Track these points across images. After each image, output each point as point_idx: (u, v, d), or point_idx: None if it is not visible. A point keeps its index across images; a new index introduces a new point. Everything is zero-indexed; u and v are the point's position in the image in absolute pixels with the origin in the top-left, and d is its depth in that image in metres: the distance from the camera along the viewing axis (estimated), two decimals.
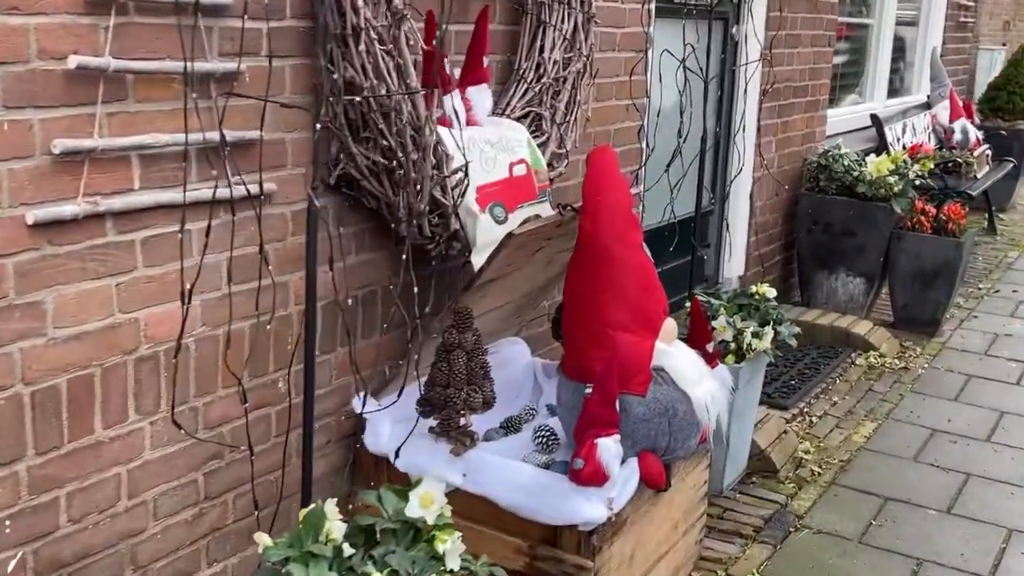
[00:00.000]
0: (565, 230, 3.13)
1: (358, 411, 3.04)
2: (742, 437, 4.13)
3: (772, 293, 4.08)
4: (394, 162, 2.82)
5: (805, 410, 4.99)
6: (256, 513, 2.66)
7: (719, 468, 4.03)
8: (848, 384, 5.38)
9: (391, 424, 3.08)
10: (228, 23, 2.55)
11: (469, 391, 2.95)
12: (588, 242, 3.01)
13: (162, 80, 2.42)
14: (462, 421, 2.99)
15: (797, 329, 4.04)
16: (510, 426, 3.38)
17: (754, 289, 4.09)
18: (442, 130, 3.01)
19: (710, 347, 3.32)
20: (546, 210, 3.21)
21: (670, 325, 3.07)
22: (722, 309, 3.95)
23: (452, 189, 2.97)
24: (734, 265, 5.85)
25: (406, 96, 2.75)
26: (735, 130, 5.55)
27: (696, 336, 3.32)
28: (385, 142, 2.78)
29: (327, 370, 3.07)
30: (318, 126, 2.68)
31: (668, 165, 4.14)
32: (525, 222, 3.01)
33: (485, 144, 3.11)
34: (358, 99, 2.71)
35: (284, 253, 2.84)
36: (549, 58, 3.48)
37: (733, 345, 3.89)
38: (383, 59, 2.71)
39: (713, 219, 5.80)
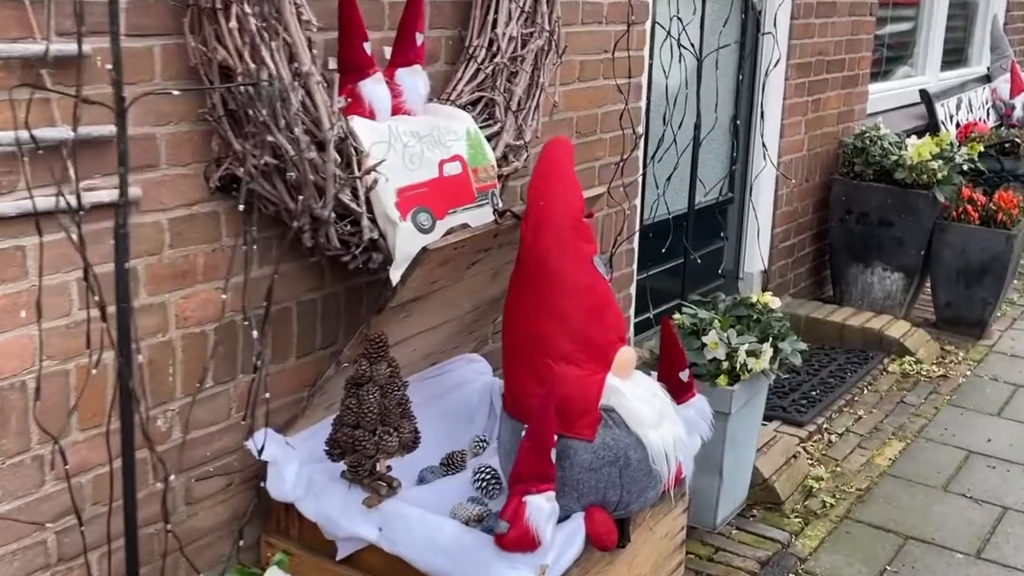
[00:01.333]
0: (508, 239, 2.65)
1: (254, 454, 2.59)
2: (739, 466, 3.62)
3: (776, 303, 3.56)
4: (288, 162, 2.35)
5: (824, 427, 4.45)
6: None
7: (711, 502, 3.53)
8: (877, 395, 4.82)
9: (298, 466, 2.64)
10: None
11: (382, 432, 2.49)
12: (528, 255, 2.53)
13: None
14: (377, 467, 2.54)
15: (803, 345, 3.51)
16: (452, 463, 2.92)
17: (755, 298, 3.58)
18: (356, 122, 2.54)
19: (684, 375, 2.81)
20: (484, 216, 2.72)
21: (626, 356, 2.57)
22: (716, 322, 3.43)
23: (366, 192, 2.50)
24: (755, 259, 5.29)
25: (294, 83, 2.28)
26: (755, 111, 5.00)
27: (667, 363, 2.82)
28: (272, 138, 2.31)
29: (225, 402, 2.63)
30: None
31: (654, 154, 3.62)
32: (448, 233, 2.54)
33: (410, 137, 2.63)
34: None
35: (159, 268, 2.40)
36: (503, 34, 2.98)
37: (726, 364, 3.37)
38: (261, 38, 2.23)
39: (733, 209, 5.27)
